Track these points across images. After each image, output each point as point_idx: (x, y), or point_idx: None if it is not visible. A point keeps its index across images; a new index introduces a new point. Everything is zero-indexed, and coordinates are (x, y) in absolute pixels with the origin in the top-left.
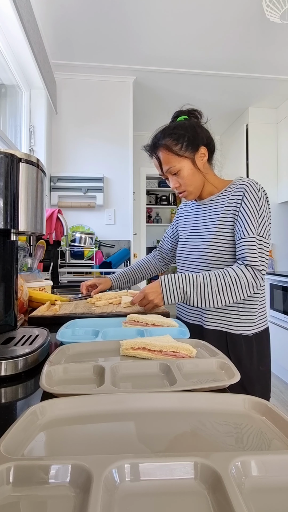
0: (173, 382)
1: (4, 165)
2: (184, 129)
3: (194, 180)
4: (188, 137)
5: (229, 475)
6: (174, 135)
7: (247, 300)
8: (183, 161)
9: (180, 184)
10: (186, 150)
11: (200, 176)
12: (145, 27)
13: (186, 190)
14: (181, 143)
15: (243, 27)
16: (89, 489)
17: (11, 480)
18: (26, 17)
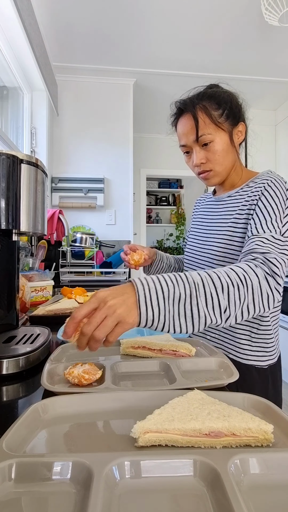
0: (173, 381)
1: (6, 166)
2: (226, 97)
3: (226, 159)
4: (230, 106)
5: (228, 473)
6: (217, 98)
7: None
8: (220, 131)
9: (208, 160)
10: (226, 119)
11: (233, 157)
12: (145, 30)
13: (213, 169)
14: (223, 109)
15: (242, 30)
16: (90, 486)
17: (13, 477)
18: (28, 20)
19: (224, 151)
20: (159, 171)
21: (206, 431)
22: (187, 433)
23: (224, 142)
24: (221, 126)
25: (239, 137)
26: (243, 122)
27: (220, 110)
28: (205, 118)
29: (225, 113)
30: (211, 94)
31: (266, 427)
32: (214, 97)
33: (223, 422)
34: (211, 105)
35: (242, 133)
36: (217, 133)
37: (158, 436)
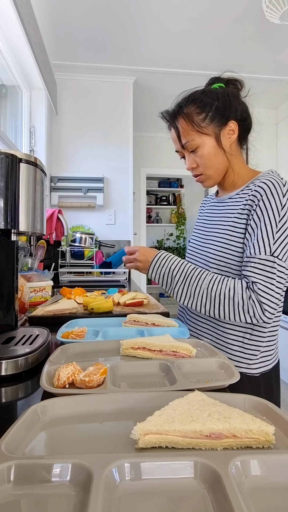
0: (173, 382)
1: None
2: (213, 97)
3: (215, 162)
4: (216, 107)
5: (229, 475)
6: (200, 102)
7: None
8: (204, 136)
9: (198, 164)
10: (211, 122)
11: (224, 158)
12: (145, 28)
13: (203, 173)
14: (206, 113)
15: (243, 28)
16: (90, 488)
17: (12, 479)
18: (27, 18)
19: (212, 154)
20: (159, 170)
21: (207, 432)
22: (188, 435)
23: (210, 146)
24: (205, 131)
25: (230, 136)
26: (234, 120)
27: (203, 114)
28: (187, 125)
29: (209, 116)
30: (195, 98)
31: (267, 428)
32: (197, 101)
33: (224, 423)
34: (194, 110)
35: (234, 131)
36: (201, 138)
37: (159, 437)
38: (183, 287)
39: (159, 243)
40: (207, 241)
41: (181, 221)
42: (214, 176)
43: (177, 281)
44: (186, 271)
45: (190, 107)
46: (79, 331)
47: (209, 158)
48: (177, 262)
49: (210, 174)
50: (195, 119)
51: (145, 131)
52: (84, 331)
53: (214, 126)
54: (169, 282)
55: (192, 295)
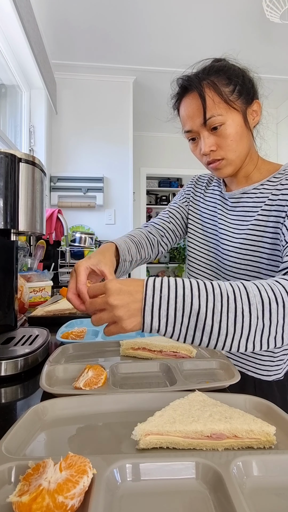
0: (173, 382)
1: (4, 165)
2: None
3: (240, 144)
4: (243, 81)
5: (230, 475)
6: (226, 72)
7: None
8: (233, 111)
9: (219, 146)
10: (239, 97)
11: (248, 142)
12: (145, 27)
13: (225, 157)
14: (234, 85)
15: (243, 27)
16: (91, 489)
17: (12, 480)
18: (26, 17)
19: (238, 135)
20: (159, 170)
21: (208, 433)
22: (189, 435)
23: (238, 124)
24: (234, 105)
25: (254, 117)
26: (257, 100)
27: (232, 86)
28: (214, 96)
29: (237, 89)
30: (220, 68)
31: (268, 428)
32: (223, 70)
33: (225, 424)
34: (220, 81)
35: (257, 113)
36: (229, 114)
37: (160, 438)
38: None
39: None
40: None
41: None
42: (236, 162)
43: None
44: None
45: (216, 77)
46: (79, 331)
47: (236, 138)
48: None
49: (233, 158)
50: (223, 90)
51: (145, 131)
52: (84, 331)
53: (241, 102)
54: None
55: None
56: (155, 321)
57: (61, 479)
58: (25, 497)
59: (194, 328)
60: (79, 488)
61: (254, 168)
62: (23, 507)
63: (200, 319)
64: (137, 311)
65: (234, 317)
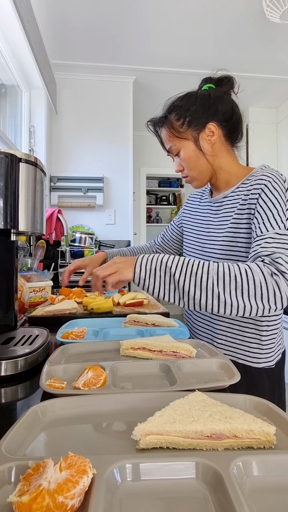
0: (174, 382)
1: (4, 165)
2: (191, 101)
3: (197, 164)
4: (193, 111)
5: (230, 475)
6: (178, 108)
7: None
8: (183, 141)
9: (183, 167)
10: (188, 127)
11: (204, 161)
12: (145, 27)
13: (188, 175)
14: (183, 119)
15: (243, 27)
16: (91, 489)
17: (12, 480)
18: (26, 17)
19: (192, 157)
20: (159, 170)
21: (208, 433)
22: (189, 435)
23: (190, 150)
24: (183, 136)
25: (210, 138)
26: (215, 121)
27: (181, 120)
28: (167, 133)
29: (186, 121)
30: (174, 107)
31: (268, 428)
32: (175, 108)
33: (225, 424)
34: (174, 117)
35: (214, 133)
36: (181, 143)
37: (160, 438)
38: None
39: None
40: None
41: None
42: (199, 177)
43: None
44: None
45: (172, 114)
46: (79, 331)
47: (191, 160)
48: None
49: (195, 175)
50: (174, 125)
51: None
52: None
53: (191, 130)
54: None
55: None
56: (142, 272)
57: (61, 479)
58: (25, 497)
59: (169, 283)
60: (79, 488)
61: (232, 176)
62: (23, 507)
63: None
64: (131, 265)
65: (195, 280)
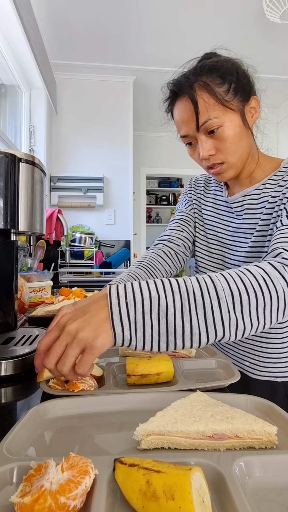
0: (174, 382)
1: (4, 165)
2: (231, 66)
3: (239, 146)
4: (237, 78)
5: (232, 476)
6: (219, 70)
7: None
8: (229, 112)
9: (218, 150)
10: (235, 95)
11: (249, 142)
12: (145, 27)
13: (225, 160)
14: (229, 84)
15: (243, 27)
16: (93, 490)
17: (14, 481)
18: (26, 17)
19: (237, 136)
20: (159, 169)
21: (210, 433)
22: (190, 436)
23: (236, 125)
24: (230, 106)
25: (253, 115)
26: (255, 95)
27: (226, 85)
28: (208, 98)
29: (233, 87)
30: (212, 66)
31: (270, 429)
32: (215, 68)
33: (226, 424)
34: (213, 80)
35: (256, 110)
36: (226, 115)
37: (161, 438)
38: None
39: None
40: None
41: None
42: (237, 164)
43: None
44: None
45: (208, 76)
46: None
47: (235, 140)
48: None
49: (234, 161)
50: (217, 90)
51: (145, 131)
52: None
53: (238, 100)
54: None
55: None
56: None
57: (63, 480)
58: (27, 498)
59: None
60: (81, 489)
61: (256, 166)
62: (25, 508)
63: (170, 321)
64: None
65: (204, 313)
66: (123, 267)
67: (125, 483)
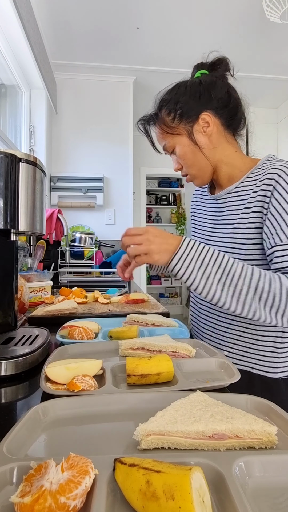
0: (174, 382)
1: (4, 165)
2: (180, 92)
3: (195, 161)
4: (183, 103)
5: (232, 476)
6: (166, 104)
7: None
8: (176, 136)
9: (181, 164)
10: (180, 121)
11: (201, 156)
12: (145, 27)
13: (188, 172)
14: (173, 113)
15: (243, 27)
16: (93, 490)
17: (14, 481)
18: (26, 17)
19: (189, 153)
20: (159, 170)
21: (210, 433)
22: (190, 436)
23: (185, 145)
24: (176, 131)
25: (205, 129)
26: (209, 110)
27: (172, 114)
28: (159, 130)
29: (177, 114)
30: (163, 101)
31: (270, 429)
32: (165, 103)
33: (226, 424)
34: (164, 113)
35: (209, 123)
36: (175, 139)
37: (161, 438)
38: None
39: None
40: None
41: (181, 221)
42: (199, 175)
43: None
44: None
45: (161, 110)
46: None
47: (187, 157)
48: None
49: (194, 173)
50: (166, 121)
51: None
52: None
53: (184, 124)
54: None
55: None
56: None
57: (63, 480)
58: (27, 498)
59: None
60: (81, 489)
61: (233, 168)
62: (25, 508)
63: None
64: (169, 252)
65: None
66: None
67: (125, 483)
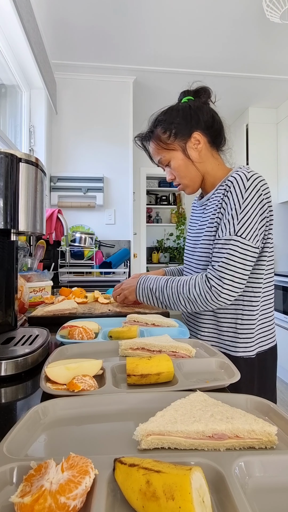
0: (174, 382)
1: (4, 165)
2: (174, 114)
3: (187, 172)
4: (178, 123)
5: (232, 476)
6: (162, 123)
7: (245, 315)
8: (171, 152)
9: (175, 176)
10: (175, 139)
11: (194, 168)
12: (145, 27)
13: (180, 183)
14: (169, 131)
15: (243, 27)
16: (93, 490)
17: (14, 481)
18: (26, 17)
19: (182, 166)
20: (159, 170)
21: (210, 433)
22: (190, 436)
23: (179, 159)
24: (171, 147)
25: (196, 146)
26: (199, 130)
27: (167, 133)
28: (156, 146)
29: (172, 133)
30: (159, 121)
31: (269, 429)
32: (160, 123)
33: (226, 424)
34: (160, 131)
35: (199, 141)
36: (170, 154)
37: (161, 438)
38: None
39: (159, 243)
40: (195, 245)
41: (181, 221)
42: (190, 184)
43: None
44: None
45: (157, 128)
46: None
47: (181, 169)
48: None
49: (186, 183)
50: (162, 138)
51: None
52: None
53: (178, 141)
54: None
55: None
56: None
57: (63, 480)
58: (27, 498)
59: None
60: (81, 489)
61: (216, 179)
62: (25, 508)
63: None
64: (133, 291)
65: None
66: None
67: (125, 483)
